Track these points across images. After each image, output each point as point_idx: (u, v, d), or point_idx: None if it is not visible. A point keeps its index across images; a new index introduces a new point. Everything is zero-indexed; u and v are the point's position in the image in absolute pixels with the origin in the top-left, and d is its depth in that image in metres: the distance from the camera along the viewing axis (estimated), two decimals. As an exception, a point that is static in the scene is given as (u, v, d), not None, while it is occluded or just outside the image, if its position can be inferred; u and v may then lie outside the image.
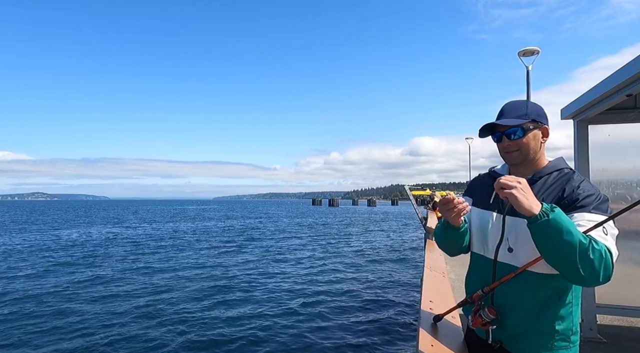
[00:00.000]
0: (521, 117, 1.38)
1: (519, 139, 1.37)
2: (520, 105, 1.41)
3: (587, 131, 3.73)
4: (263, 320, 8.06)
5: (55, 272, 13.24)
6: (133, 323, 7.77)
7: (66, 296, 9.99)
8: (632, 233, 3.46)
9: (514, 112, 1.40)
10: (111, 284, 11.34)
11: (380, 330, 7.65)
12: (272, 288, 10.92)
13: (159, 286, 11.06)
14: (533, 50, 8.74)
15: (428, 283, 2.56)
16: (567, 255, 1.14)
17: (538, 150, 1.40)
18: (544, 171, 1.40)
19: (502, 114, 1.42)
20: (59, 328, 7.52)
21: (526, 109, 1.39)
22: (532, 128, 1.37)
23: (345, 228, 33.18)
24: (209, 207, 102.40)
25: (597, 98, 3.22)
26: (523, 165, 1.42)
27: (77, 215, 55.67)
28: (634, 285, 3.57)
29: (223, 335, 7.19)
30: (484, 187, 1.52)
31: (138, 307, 8.95)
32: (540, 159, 1.43)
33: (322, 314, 8.58)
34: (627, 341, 3.55)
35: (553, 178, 1.37)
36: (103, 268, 13.79)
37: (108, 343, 6.71)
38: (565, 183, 1.33)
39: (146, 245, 20.84)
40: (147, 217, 51.88)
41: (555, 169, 1.40)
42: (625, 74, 2.75)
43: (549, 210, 1.16)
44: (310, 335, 7.28)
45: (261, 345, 6.77)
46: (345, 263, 15.59)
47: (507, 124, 1.36)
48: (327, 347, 6.74)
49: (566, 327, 1.33)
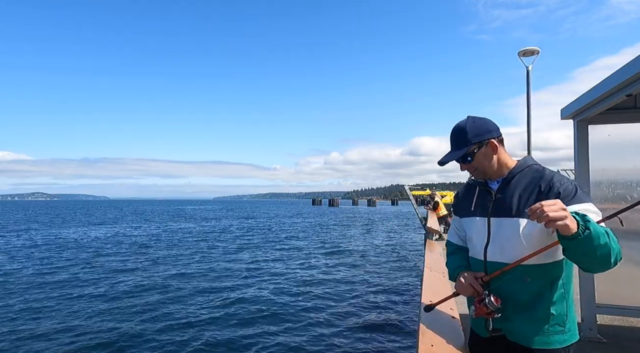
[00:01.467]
0: (464, 144, 1.50)
1: (472, 163, 1.53)
2: (461, 133, 1.52)
3: (587, 131, 3.72)
4: (262, 320, 8.07)
5: (56, 272, 13.25)
6: (128, 322, 7.78)
7: (68, 295, 9.99)
8: (632, 233, 3.47)
9: (456, 143, 1.53)
10: (110, 284, 11.34)
11: (380, 330, 7.65)
12: (272, 289, 10.92)
13: (156, 286, 11.07)
14: (533, 50, 8.72)
15: (428, 283, 2.57)
16: (604, 256, 1.20)
17: (496, 160, 1.53)
18: (515, 170, 1.52)
19: (451, 144, 1.57)
20: (62, 327, 7.53)
21: (466, 135, 1.50)
22: (478, 150, 1.50)
23: (345, 229, 33.18)
24: (209, 207, 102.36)
25: (597, 98, 3.22)
26: (489, 175, 1.56)
27: (74, 216, 55.70)
28: (634, 285, 3.57)
29: (223, 335, 7.19)
30: (466, 196, 1.67)
31: (135, 306, 8.95)
32: (505, 163, 1.54)
33: (321, 314, 8.58)
34: (627, 341, 3.55)
35: (525, 174, 1.49)
36: (105, 268, 13.80)
37: (105, 344, 6.71)
38: (539, 178, 1.44)
39: (145, 245, 20.84)
40: (148, 217, 51.86)
41: (525, 166, 1.52)
42: (625, 74, 2.75)
43: (584, 221, 1.19)
44: (309, 335, 7.29)
45: (260, 345, 6.77)
46: (345, 263, 15.60)
47: (451, 159, 1.53)
48: (327, 348, 6.74)
49: (560, 312, 1.40)
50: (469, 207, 1.62)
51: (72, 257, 16.54)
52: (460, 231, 1.74)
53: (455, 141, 1.53)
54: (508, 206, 1.45)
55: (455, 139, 1.54)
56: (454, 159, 1.53)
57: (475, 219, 1.57)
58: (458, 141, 1.52)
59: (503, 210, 1.46)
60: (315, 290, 10.76)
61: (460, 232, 1.74)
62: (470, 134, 1.49)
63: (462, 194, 1.72)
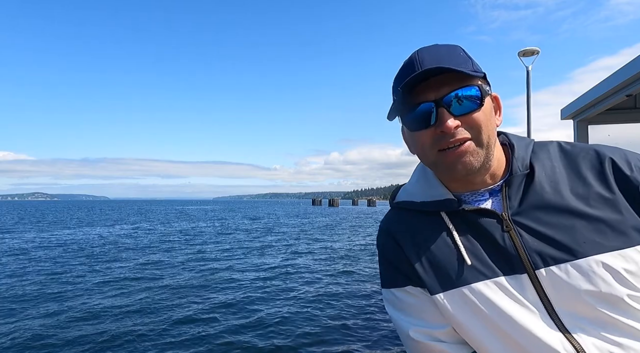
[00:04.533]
0: (468, 68, 0.67)
1: (474, 111, 0.68)
2: (456, 50, 0.71)
3: (587, 131, 3.74)
4: (261, 320, 8.07)
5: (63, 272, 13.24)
6: (124, 320, 7.78)
7: (71, 294, 9.98)
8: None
9: (452, 59, 0.68)
10: (108, 284, 11.33)
11: (380, 329, 7.65)
12: (272, 289, 10.92)
13: (153, 286, 11.06)
14: (533, 51, 8.71)
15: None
16: None
17: (494, 141, 0.72)
18: (520, 160, 0.75)
19: (423, 62, 0.67)
20: (66, 326, 7.52)
21: (469, 59, 0.70)
22: (487, 92, 0.70)
23: (345, 229, 33.21)
24: (208, 208, 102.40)
25: (597, 98, 3.23)
26: (478, 170, 0.70)
27: (72, 216, 55.76)
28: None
29: (221, 336, 7.19)
30: (425, 241, 0.79)
31: (131, 304, 8.95)
32: (497, 156, 0.75)
33: (321, 314, 8.58)
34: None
35: (547, 160, 0.75)
36: (105, 268, 13.78)
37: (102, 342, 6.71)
38: (588, 158, 0.74)
39: (143, 245, 20.83)
40: (149, 217, 51.92)
41: (530, 147, 0.78)
42: (625, 75, 2.76)
43: None
44: (309, 335, 7.29)
45: (260, 345, 6.77)
46: (346, 263, 15.61)
47: (457, 68, 0.65)
48: (326, 347, 6.74)
49: None
50: (447, 264, 0.72)
51: (83, 258, 16.55)
52: (434, 320, 0.75)
53: (448, 56, 0.68)
54: (564, 235, 0.66)
55: (446, 54, 0.68)
56: (465, 75, 0.66)
57: (487, 287, 0.69)
58: (456, 58, 0.68)
59: (556, 246, 0.66)
60: (313, 290, 10.77)
61: (439, 327, 0.74)
62: (475, 62, 0.71)
63: (408, 238, 0.78)
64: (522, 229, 0.69)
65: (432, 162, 0.73)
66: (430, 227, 0.76)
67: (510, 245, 0.68)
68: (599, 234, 0.65)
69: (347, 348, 6.69)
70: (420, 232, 0.77)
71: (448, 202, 0.74)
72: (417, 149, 0.74)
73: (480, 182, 0.74)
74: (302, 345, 6.91)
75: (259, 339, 7.13)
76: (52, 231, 29.25)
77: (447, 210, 0.75)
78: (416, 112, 0.69)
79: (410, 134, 0.75)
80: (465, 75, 0.66)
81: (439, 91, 0.67)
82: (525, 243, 0.67)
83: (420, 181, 0.81)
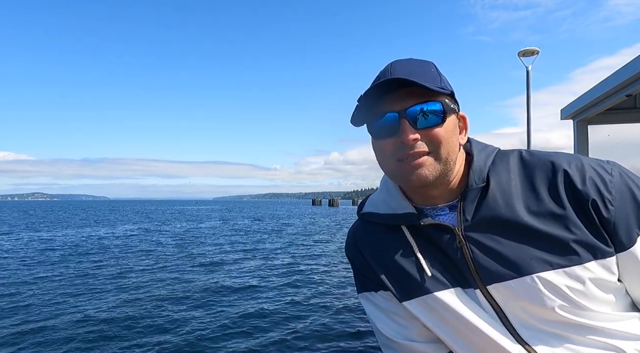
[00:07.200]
0: (434, 84, 0.69)
1: (436, 126, 0.69)
2: (428, 66, 0.73)
3: (587, 131, 3.74)
4: (259, 321, 8.06)
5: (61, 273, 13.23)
6: (122, 320, 7.77)
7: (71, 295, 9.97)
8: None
9: (422, 74, 0.69)
10: (107, 285, 11.33)
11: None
12: (271, 289, 10.91)
13: (150, 286, 11.05)
14: (533, 50, 8.71)
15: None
16: None
17: (455, 157, 0.73)
18: (478, 171, 0.75)
19: (393, 73, 0.70)
20: (65, 326, 7.52)
21: (439, 75, 0.72)
22: (452, 109, 0.72)
23: (345, 229, 33.20)
24: (208, 208, 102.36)
25: (597, 98, 3.24)
26: (439, 184, 0.73)
27: (70, 216, 55.77)
28: None
29: (221, 336, 7.18)
30: (388, 251, 0.82)
31: (126, 304, 8.94)
32: (457, 171, 0.76)
33: (320, 314, 8.58)
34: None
35: (502, 171, 0.75)
36: (107, 269, 13.77)
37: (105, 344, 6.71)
38: (544, 170, 0.76)
39: (142, 245, 20.83)
40: (150, 217, 51.92)
41: (489, 154, 0.78)
42: (625, 74, 2.76)
43: None
44: (308, 336, 7.28)
45: (260, 346, 6.77)
46: (345, 262, 15.60)
47: (424, 83, 0.66)
48: (325, 348, 6.74)
49: None
50: (410, 275, 0.76)
51: (83, 258, 16.55)
52: (408, 321, 0.80)
53: (420, 71, 0.69)
54: (512, 251, 0.69)
55: (417, 69, 0.70)
56: (430, 90, 0.67)
57: (448, 296, 0.73)
58: (425, 74, 0.69)
59: (503, 263, 0.68)
60: (312, 290, 10.77)
61: (408, 322, 0.80)
62: (444, 80, 0.73)
63: (372, 250, 0.83)
64: (473, 245, 0.71)
65: (390, 171, 0.76)
66: (392, 239, 0.80)
67: (462, 261, 0.71)
68: (546, 251, 0.66)
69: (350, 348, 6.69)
70: (382, 244, 0.82)
71: (408, 216, 0.77)
72: (379, 157, 0.76)
73: (439, 195, 0.76)
74: (303, 347, 6.92)
75: (259, 339, 7.13)
76: (52, 231, 29.24)
77: (407, 223, 0.78)
78: (382, 120, 0.71)
79: (375, 142, 0.76)
80: (431, 91, 0.68)
81: (404, 103, 0.69)
82: (475, 258, 0.70)
83: (383, 192, 0.85)
